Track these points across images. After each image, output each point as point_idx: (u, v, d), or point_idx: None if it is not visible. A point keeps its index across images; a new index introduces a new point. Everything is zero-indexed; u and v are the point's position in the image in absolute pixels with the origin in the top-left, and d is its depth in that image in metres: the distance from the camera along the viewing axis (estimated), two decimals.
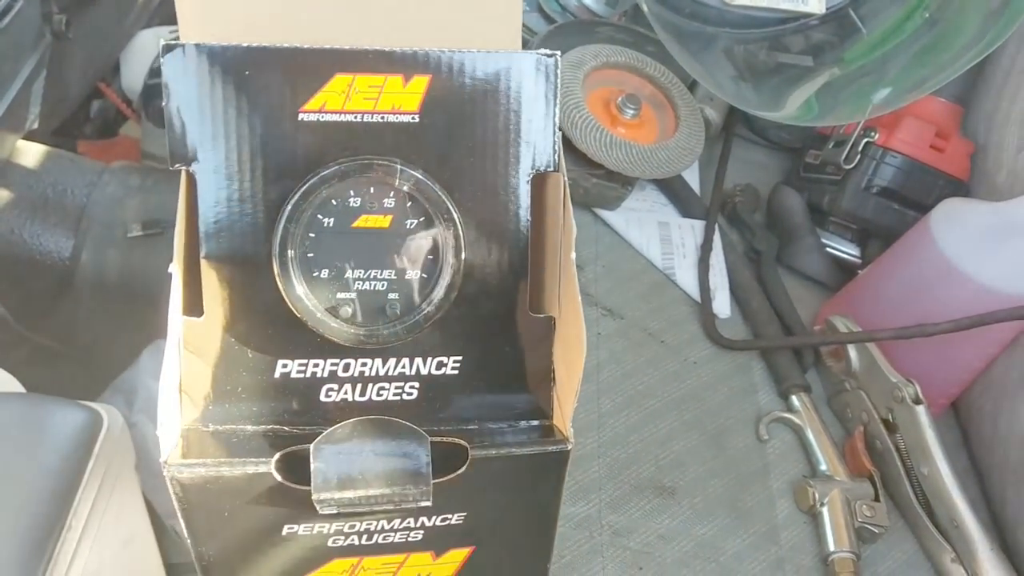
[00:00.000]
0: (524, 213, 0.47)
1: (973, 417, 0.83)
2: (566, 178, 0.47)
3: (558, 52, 0.47)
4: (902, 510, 0.76)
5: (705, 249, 0.90)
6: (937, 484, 0.74)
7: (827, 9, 0.96)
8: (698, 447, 0.77)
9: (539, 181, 0.47)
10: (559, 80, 0.47)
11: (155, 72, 1.42)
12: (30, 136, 1.23)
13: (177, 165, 0.44)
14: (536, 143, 0.47)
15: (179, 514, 0.44)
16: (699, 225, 0.93)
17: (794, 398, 0.82)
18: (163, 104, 0.43)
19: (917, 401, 0.75)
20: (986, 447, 0.80)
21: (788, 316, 0.88)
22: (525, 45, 1.00)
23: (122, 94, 1.55)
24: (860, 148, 0.90)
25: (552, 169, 0.47)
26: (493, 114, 0.46)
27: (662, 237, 0.91)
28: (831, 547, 0.72)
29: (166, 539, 0.96)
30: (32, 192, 1.18)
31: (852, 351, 0.81)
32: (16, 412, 0.71)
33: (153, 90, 1.41)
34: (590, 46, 0.90)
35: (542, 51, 0.46)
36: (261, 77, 0.44)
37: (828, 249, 0.95)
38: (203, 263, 0.44)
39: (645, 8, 0.84)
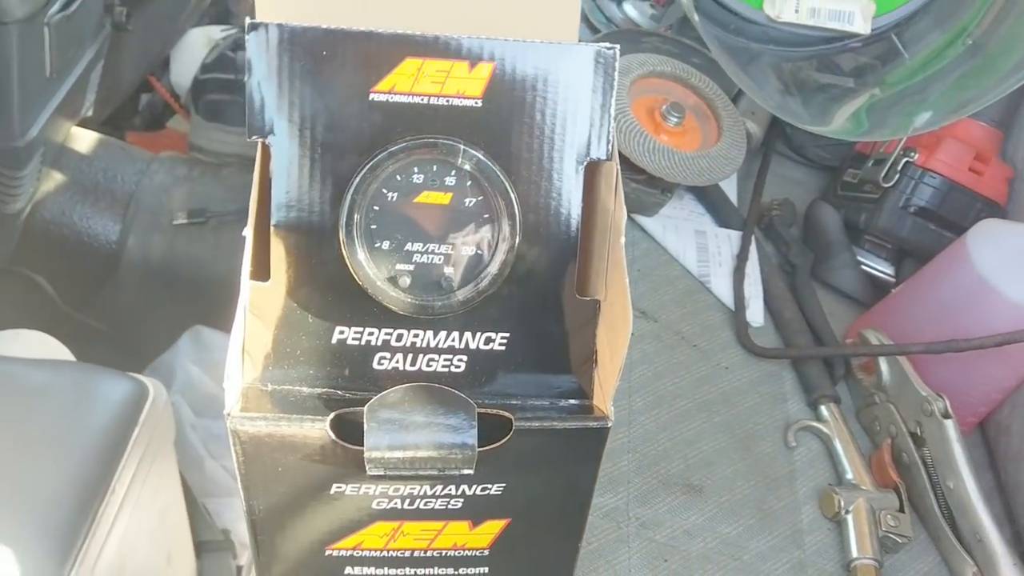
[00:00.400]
0: (576, 199, 0.48)
1: (1001, 436, 0.83)
2: (619, 168, 0.49)
3: (617, 46, 0.48)
4: (926, 522, 0.77)
5: (741, 259, 0.92)
6: (962, 498, 0.74)
7: (872, 31, 0.98)
8: (726, 449, 0.79)
9: (592, 169, 0.49)
10: (617, 73, 0.48)
11: (206, 68, 1.46)
12: (83, 124, 1.27)
13: (254, 137, 0.46)
14: (591, 132, 0.48)
15: (236, 466, 0.46)
16: (735, 235, 0.95)
17: (823, 408, 0.83)
18: (245, 79, 0.45)
19: (946, 415, 0.76)
20: (1012, 465, 0.81)
21: (820, 328, 0.89)
22: None
23: (171, 88, 1.59)
24: (899, 168, 0.91)
25: (606, 158, 0.49)
26: (552, 102, 0.47)
27: (698, 245, 0.93)
28: (854, 553, 0.73)
29: (197, 517, 0.98)
30: (84, 177, 1.21)
31: (883, 364, 0.82)
32: (69, 379, 0.74)
33: (203, 85, 1.44)
34: (637, 55, 0.92)
35: (603, 44, 0.48)
36: (337, 58, 0.46)
37: (863, 266, 0.96)
38: (272, 231, 0.46)
39: (696, 20, 0.86)
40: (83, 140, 1.24)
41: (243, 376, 0.47)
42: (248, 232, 0.45)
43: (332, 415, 0.45)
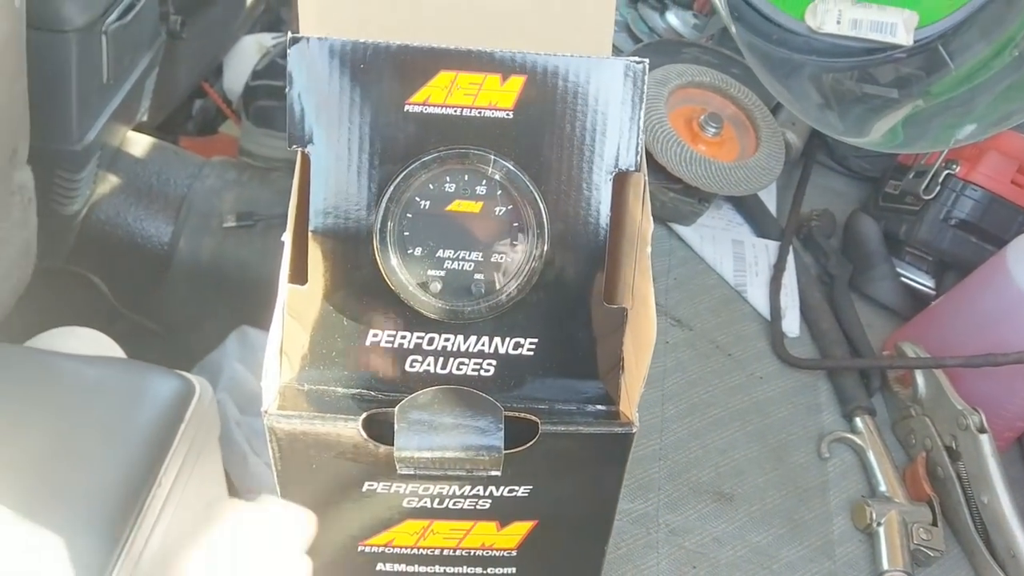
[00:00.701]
0: (605, 209, 0.50)
1: None
2: (646, 179, 0.50)
3: (646, 60, 0.50)
4: (959, 537, 0.77)
5: (778, 269, 0.92)
6: (997, 513, 0.74)
7: (915, 42, 0.97)
8: (758, 458, 0.79)
9: (621, 180, 0.50)
10: (646, 86, 0.50)
11: (257, 74, 1.49)
12: (138, 128, 1.30)
13: (294, 146, 0.48)
14: (620, 144, 0.50)
15: (272, 462, 0.48)
16: (773, 245, 0.95)
17: (858, 420, 0.83)
18: (285, 90, 0.47)
19: (981, 430, 0.76)
20: None
21: (857, 340, 0.89)
22: None
23: (223, 94, 1.62)
24: (940, 180, 0.91)
25: (634, 169, 0.50)
26: (582, 114, 0.49)
27: (736, 255, 0.93)
28: (885, 565, 0.73)
29: None
30: (138, 180, 1.24)
31: (919, 377, 0.82)
32: (120, 375, 0.76)
33: (254, 91, 1.48)
34: (676, 65, 0.93)
35: (632, 58, 0.49)
36: (374, 71, 0.48)
37: (903, 278, 0.96)
38: (311, 236, 0.48)
39: (733, 31, 0.86)
40: (138, 144, 1.28)
41: (280, 376, 0.49)
42: (287, 237, 0.47)
43: (364, 415, 0.46)
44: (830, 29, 0.95)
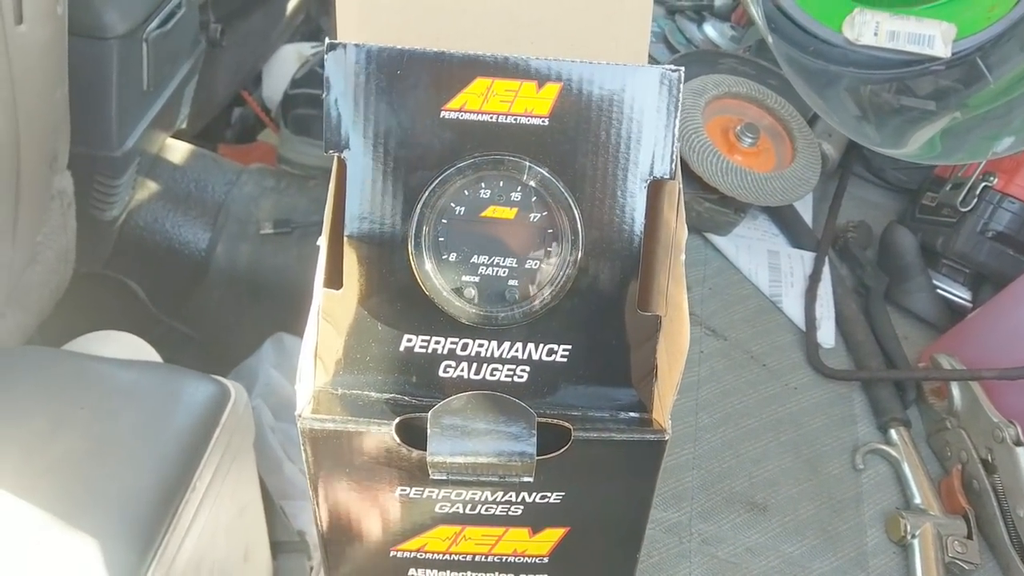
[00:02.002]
0: (639, 216, 0.50)
1: None
2: (681, 187, 0.50)
3: (682, 68, 0.50)
4: (995, 551, 0.76)
5: (813, 279, 0.92)
6: None
7: (953, 55, 0.97)
8: (792, 469, 0.79)
9: (655, 188, 0.50)
10: (681, 94, 0.50)
11: (296, 83, 1.51)
12: (178, 135, 1.32)
13: (331, 151, 0.48)
14: (655, 151, 0.50)
15: (306, 465, 0.48)
16: (808, 256, 0.95)
17: (893, 432, 0.83)
18: (323, 96, 0.48)
19: (1018, 443, 0.75)
20: None
21: (893, 351, 0.88)
22: None
23: (262, 103, 1.64)
24: (977, 192, 0.91)
25: (668, 177, 0.50)
26: (617, 122, 0.49)
27: (771, 265, 0.93)
28: None
29: (274, 517, 1.01)
30: (177, 186, 1.27)
31: (955, 389, 0.82)
32: (156, 379, 0.78)
33: (293, 100, 1.49)
34: (713, 75, 0.93)
35: (667, 66, 0.49)
36: (411, 77, 0.48)
37: (939, 291, 0.96)
38: (346, 241, 0.48)
39: (770, 41, 0.86)
40: (177, 151, 1.30)
41: (315, 380, 0.49)
42: (323, 241, 0.47)
43: (397, 419, 0.47)
44: (867, 41, 0.94)
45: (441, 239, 0.49)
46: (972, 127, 0.95)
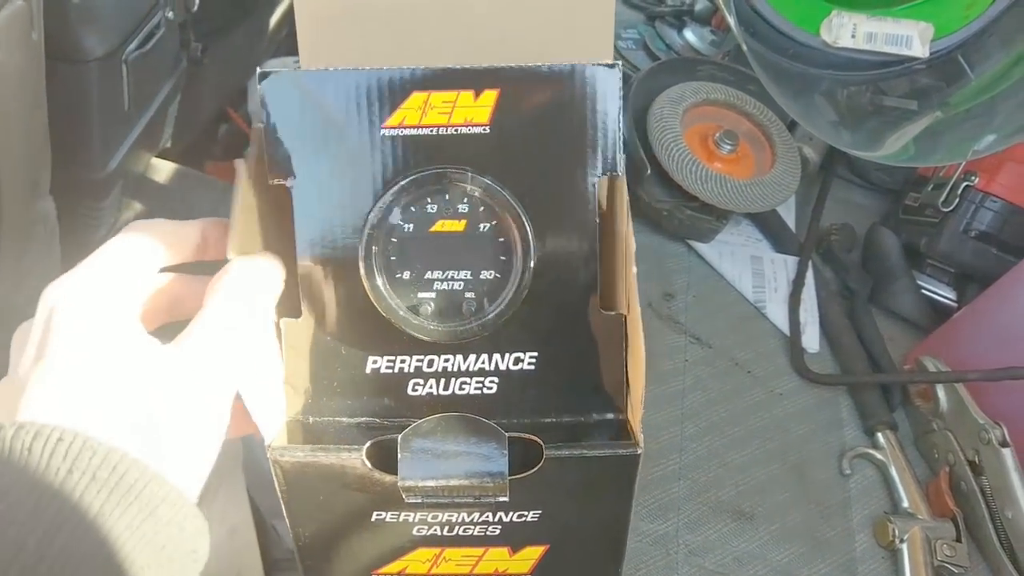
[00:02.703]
0: (592, 216, 0.49)
1: None
2: (626, 186, 0.50)
3: (619, 62, 0.49)
4: (984, 553, 0.76)
5: (797, 284, 0.92)
6: (1021, 528, 0.73)
7: (932, 54, 0.97)
8: (779, 476, 0.79)
9: (606, 186, 0.50)
10: (620, 89, 0.49)
11: None
12: (162, 154, 1.32)
13: (275, 180, 0.48)
14: (601, 149, 0.49)
15: (280, 496, 0.48)
16: (792, 261, 0.95)
17: (880, 435, 0.83)
18: (261, 125, 0.48)
19: (1004, 444, 0.75)
20: None
21: (878, 355, 0.88)
22: (627, 81, 1.04)
23: (248, 119, 1.64)
24: (959, 192, 0.91)
25: (617, 174, 0.49)
26: (559, 122, 0.49)
27: (754, 271, 0.93)
28: None
29: (267, 536, 1.01)
30: (163, 206, 1.26)
31: (941, 391, 0.81)
32: None
33: None
34: (691, 83, 0.93)
35: (603, 62, 0.49)
36: (347, 98, 0.48)
37: (924, 291, 0.96)
38: (300, 268, 0.48)
39: (745, 47, 0.86)
40: (162, 171, 1.29)
41: (287, 409, 0.49)
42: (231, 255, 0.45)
43: (368, 444, 0.46)
44: (845, 43, 0.94)
45: (393, 258, 0.49)
46: (952, 126, 0.95)
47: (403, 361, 0.49)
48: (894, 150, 0.93)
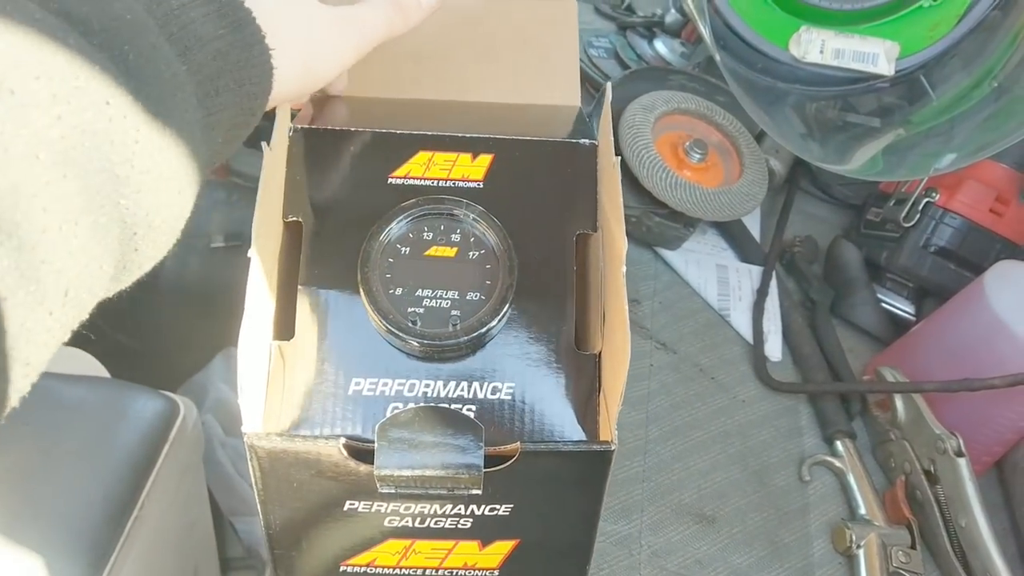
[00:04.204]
0: (570, 264, 0.54)
1: (1016, 476, 0.84)
2: (601, 229, 0.55)
3: (597, 141, 0.56)
4: (938, 560, 0.78)
5: (761, 294, 0.93)
6: (974, 537, 0.75)
7: (896, 72, 0.99)
8: (740, 481, 0.80)
9: (583, 238, 0.55)
10: (599, 164, 0.56)
11: None
12: None
13: (291, 217, 0.53)
14: (577, 208, 0.55)
15: (253, 481, 0.48)
16: (756, 271, 0.96)
17: (839, 443, 0.84)
18: (286, 169, 0.54)
19: (959, 454, 0.77)
20: None
21: (838, 364, 0.90)
22: (598, 88, 1.05)
23: None
24: (920, 207, 0.92)
25: (592, 231, 0.55)
26: (545, 183, 0.55)
27: (720, 279, 0.94)
28: None
29: (224, 534, 1.00)
30: None
31: (898, 402, 0.83)
32: (103, 395, 0.76)
33: None
34: (663, 92, 0.94)
35: (585, 139, 0.56)
36: (362, 152, 0.55)
37: (883, 304, 0.97)
38: (300, 290, 0.51)
39: (718, 59, 0.87)
40: None
41: (267, 426, 0.49)
42: (253, 253, 0.48)
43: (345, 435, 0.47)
44: (813, 59, 0.96)
45: (388, 275, 0.52)
46: (915, 144, 0.97)
47: (385, 384, 0.51)
48: (861, 164, 0.94)
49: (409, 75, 0.64)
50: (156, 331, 1.25)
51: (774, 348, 0.90)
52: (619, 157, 0.53)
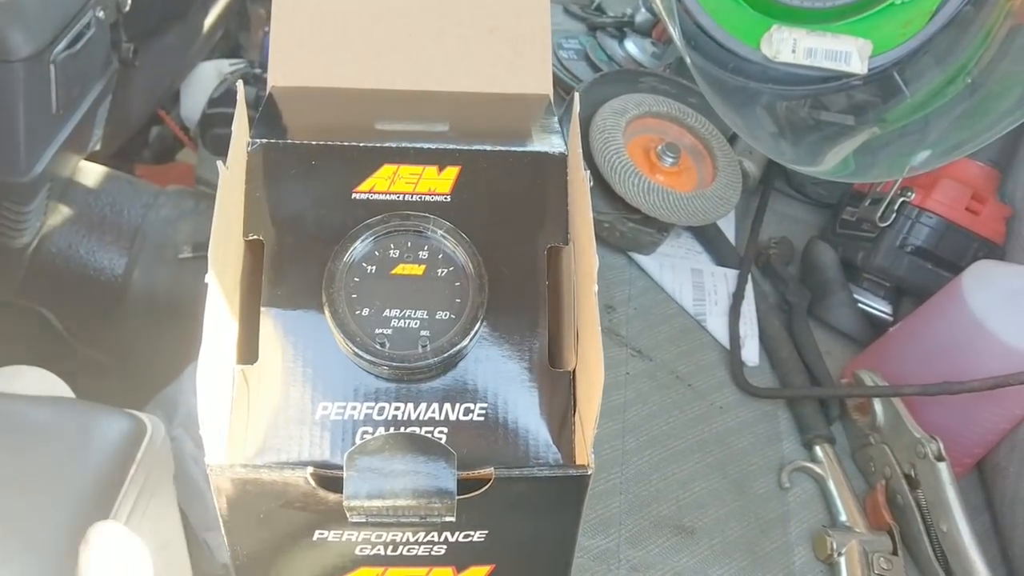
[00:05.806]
0: (542, 278, 0.52)
1: (997, 479, 0.83)
2: (572, 244, 0.53)
3: (567, 151, 0.55)
4: (920, 566, 0.77)
5: (737, 297, 0.92)
6: (956, 541, 0.74)
7: (870, 70, 0.98)
8: (719, 490, 0.79)
9: (555, 251, 0.54)
10: (567, 174, 0.55)
11: (213, 102, 1.47)
12: (92, 157, 1.28)
13: (251, 235, 0.51)
14: (548, 221, 0.53)
15: (219, 512, 0.47)
16: (732, 274, 0.95)
17: (818, 449, 0.83)
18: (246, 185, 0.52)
19: (939, 458, 0.76)
20: (1008, 508, 0.80)
21: (816, 368, 0.89)
22: (569, 91, 1.03)
23: (180, 122, 1.61)
24: (896, 207, 0.92)
25: (564, 244, 0.53)
26: (514, 195, 0.54)
27: (695, 283, 0.93)
28: None
29: (197, 551, 0.98)
30: (91, 210, 1.23)
31: (877, 405, 0.82)
32: (67, 416, 0.75)
33: (211, 119, 1.46)
34: (634, 95, 0.93)
35: (555, 148, 0.55)
36: (324, 166, 0.53)
37: (860, 305, 0.97)
38: (263, 311, 0.50)
39: (688, 61, 0.86)
40: (90, 174, 1.26)
41: (231, 455, 0.48)
42: (211, 279, 0.47)
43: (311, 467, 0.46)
44: (785, 58, 0.95)
45: (354, 296, 0.50)
46: (890, 142, 0.96)
47: (353, 408, 0.49)
48: (833, 165, 0.93)
49: (378, 63, 0.61)
50: (125, 344, 1.23)
51: (751, 353, 0.89)
52: (587, 172, 0.52)
